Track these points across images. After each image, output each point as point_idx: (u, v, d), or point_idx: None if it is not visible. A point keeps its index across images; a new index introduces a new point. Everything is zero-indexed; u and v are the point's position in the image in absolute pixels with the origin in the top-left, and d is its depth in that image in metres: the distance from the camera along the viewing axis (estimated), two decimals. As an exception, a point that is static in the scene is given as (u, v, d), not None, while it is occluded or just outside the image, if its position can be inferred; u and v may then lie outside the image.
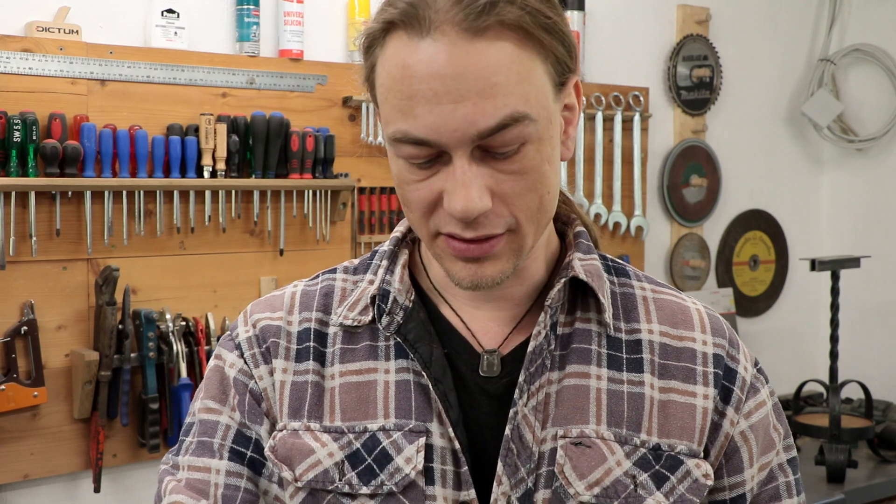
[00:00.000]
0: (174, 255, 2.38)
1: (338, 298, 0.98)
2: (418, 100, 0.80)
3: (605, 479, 0.88)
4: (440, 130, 0.80)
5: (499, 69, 0.80)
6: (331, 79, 2.58)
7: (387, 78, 0.83)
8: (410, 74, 0.80)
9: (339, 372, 0.94)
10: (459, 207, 0.81)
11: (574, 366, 0.92)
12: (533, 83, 0.82)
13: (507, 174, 0.83)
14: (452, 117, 0.80)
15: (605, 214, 3.13)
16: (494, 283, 0.87)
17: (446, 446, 0.89)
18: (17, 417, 2.18)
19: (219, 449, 0.95)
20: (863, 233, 3.67)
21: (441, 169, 0.83)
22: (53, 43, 2.19)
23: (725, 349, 0.96)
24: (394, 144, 0.84)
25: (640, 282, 0.99)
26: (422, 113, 0.80)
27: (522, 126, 0.81)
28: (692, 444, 0.92)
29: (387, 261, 0.97)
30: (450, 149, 0.81)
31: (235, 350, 0.98)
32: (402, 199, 0.88)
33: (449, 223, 0.84)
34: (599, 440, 0.89)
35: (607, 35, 3.14)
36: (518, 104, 0.81)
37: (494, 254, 0.86)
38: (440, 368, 0.91)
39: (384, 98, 0.84)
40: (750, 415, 0.95)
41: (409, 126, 0.81)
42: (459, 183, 0.81)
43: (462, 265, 0.86)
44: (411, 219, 0.88)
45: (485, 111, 0.79)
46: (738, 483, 0.95)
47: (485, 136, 0.80)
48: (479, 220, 0.83)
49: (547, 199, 0.86)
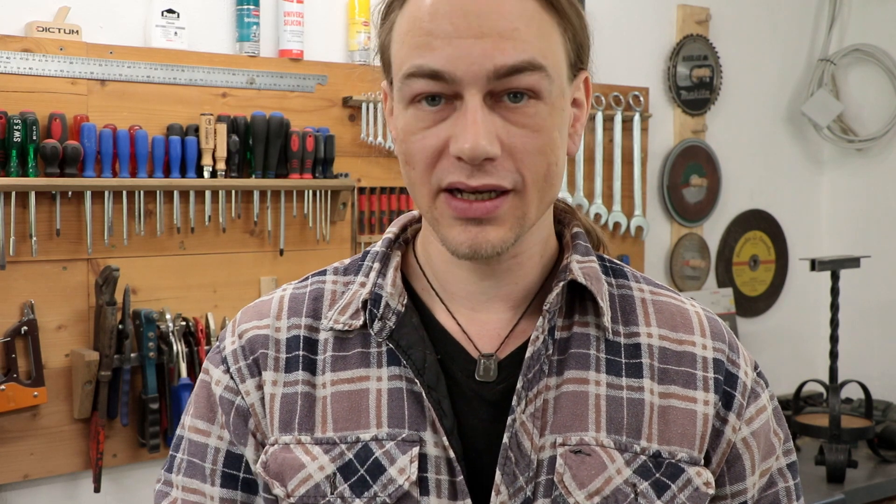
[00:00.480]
0: (174, 255, 2.38)
1: (328, 302, 0.95)
2: (438, 34, 0.81)
3: (606, 487, 0.87)
4: (457, 63, 0.80)
5: (521, 18, 0.81)
6: (331, 79, 2.58)
7: (406, 22, 0.84)
8: (434, 11, 0.81)
9: (331, 381, 0.91)
10: (468, 146, 0.80)
11: (572, 371, 0.90)
12: (551, 45, 0.84)
13: (519, 127, 0.82)
14: (471, 51, 0.80)
15: (605, 214, 3.13)
16: (494, 252, 0.84)
17: (441, 455, 0.87)
18: (17, 417, 2.18)
19: (210, 474, 0.94)
20: (863, 233, 3.66)
21: (450, 115, 0.82)
22: (53, 43, 2.19)
23: (726, 353, 0.94)
24: (406, 83, 0.83)
25: (639, 283, 0.97)
26: (440, 45, 0.81)
27: (539, 76, 0.82)
28: (693, 451, 0.90)
29: (378, 263, 0.95)
30: (464, 86, 0.81)
31: (221, 365, 0.96)
32: (406, 155, 0.85)
33: (453, 171, 0.82)
34: (599, 448, 0.88)
35: (607, 35, 3.14)
36: (536, 54, 0.82)
37: (497, 216, 0.83)
38: (433, 375, 0.89)
39: (401, 43, 0.84)
40: (751, 421, 0.94)
41: (426, 59, 0.81)
42: (469, 122, 0.80)
43: (461, 228, 0.84)
44: (412, 177, 0.86)
45: (504, 49, 0.80)
46: (740, 491, 0.94)
47: (501, 75, 0.80)
48: (486, 168, 0.82)
49: (554, 170, 0.85)
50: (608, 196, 3.15)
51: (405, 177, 0.87)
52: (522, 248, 0.91)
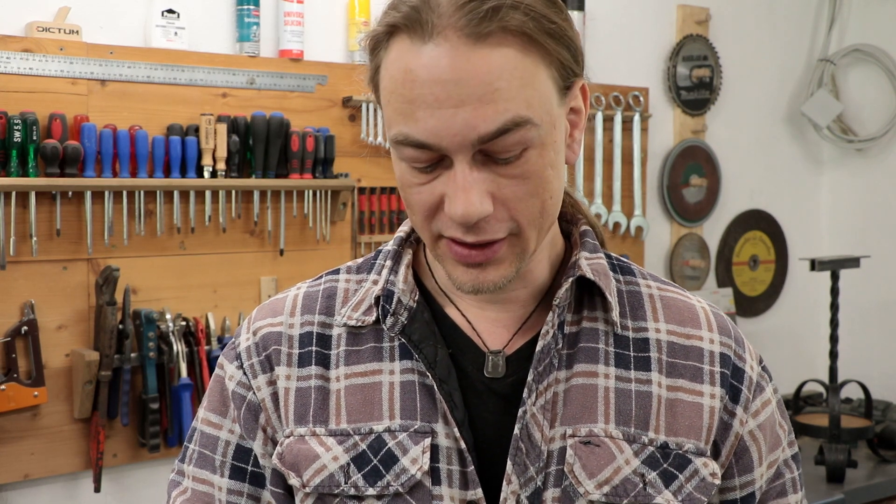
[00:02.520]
0: (174, 255, 2.38)
1: (341, 299, 0.98)
2: (419, 104, 0.81)
3: (615, 477, 0.89)
4: (441, 134, 0.81)
5: (501, 75, 0.80)
6: (331, 79, 2.58)
7: (389, 81, 0.84)
8: (412, 79, 0.81)
9: (345, 374, 0.94)
10: (460, 212, 0.82)
11: (582, 365, 0.92)
12: (536, 88, 0.82)
13: (509, 179, 0.83)
14: (453, 122, 0.80)
15: (605, 214, 3.13)
16: (496, 288, 0.87)
17: (452, 446, 0.89)
18: (18, 417, 2.19)
19: (220, 466, 0.97)
20: (862, 233, 3.67)
21: (443, 173, 0.84)
22: (54, 43, 2.19)
23: (732, 348, 0.97)
24: (396, 147, 0.84)
25: (646, 280, 1.00)
26: (423, 117, 0.81)
27: (524, 131, 0.81)
28: (699, 442, 0.92)
29: (391, 261, 0.97)
30: (451, 153, 0.82)
31: (235, 360, 0.98)
32: (405, 201, 0.88)
33: (450, 227, 0.85)
34: (608, 439, 0.90)
35: (607, 35, 3.14)
36: (520, 109, 0.81)
37: (497, 259, 0.86)
38: (445, 369, 0.91)
39: (387, 101, 0.85)
40: (757, 414, 0.96)
41: (410, 129, 0.82)
42: (460, 187, 0.82)
43: (464, 270, 0.87)
44: (414, 221, 0.88)
45: (485, 116, 0.80)
46: (748, 482, 0.96)
47: (485, 141, 0.81)
48: (481, 225, 0.84)
49: (549, 204, 0.86)
50: (608, 196, 3.16)
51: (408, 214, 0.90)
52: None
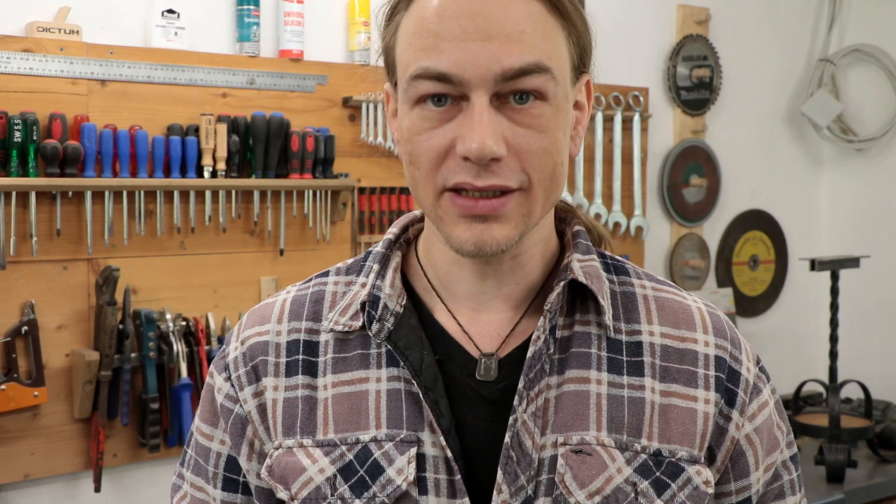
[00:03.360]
0: (174, 255, 2.38)
1: (328, 304, 0.96)
2: (446, 36, 0.81)
3: (606, 487, 0.87)
4: (465, 65, 0.81)
5: (527, 20, 0.82)
6: (331, 79, 2.58)
7: (414, 24, 0.84)
8: (441, 13, 0.82)
9: (332, 382, 0.92)
10: (475, 146, 0.80)
11: (574, 370, 0.90)
12: (556, 48, 0.85)
13: (525, 128, 0.83)
14: (479, 53, 0.81)
15: (605, 214, 3.13)
16: (499, 249, 0.84)
17: (438, 455, 0.88)
18: (18, 417, 2.19)
19: (213, 477, 0.97)
20: (862, 233, 3.67)
21: (456, 115, 0.83)
22: (54, 43, 2.19)
23: (728, 350, 0.94)
24: (411, 86, 0.84)
25: (641, 280, 0.97)
26: (448, 48, 0.81)
27: (545, 79, 0.83)
28: (693, 449, 0.90)
29: (378, 265, 0.95)
30: (471, 87, 0.81)
31: (224, 372, 0.97)
32: (411, 154, 0.86)
33: (459, 172, 0.83)
34: (600, 447, 0.88)
35: (607, 35, 3.13)
36: (542, 56, 0.83)
37: (502, 214, 0.84)
38: (431, 376, 0.89)
39: (408, 44, 0.85)
40: (754, 417, 0.94)
41: (433, 61, 0.82)
42: (476, 122, 0.81)
43: (466, 226, 0.84)
44: (417, 177, 0.86)
45: (511, 52, 0.81)
46: (744, 487, 0.94)
47: (508, 77, 0.81)
48: (492, 168, 0.82)
49: (559, 170, 0.86)
50: (608, 196, 3.16)
51: (409, 176, 0.88)
52: (524, 247, 0.91)
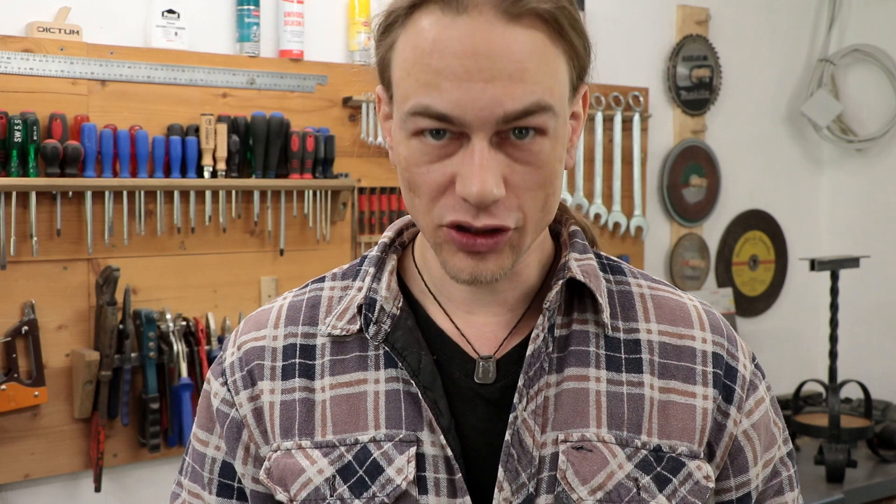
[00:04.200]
0: (174, 255, 2.38)
1: (324, 309, 0.96)
2: (447, 75, 0.79)
3: (608, 483, 0.88)
4: (466, 108, 0.79)
5: (530, 56, 0.80)
6: (331, 79, 2.59)
7: (412, 52, 0.82)
8: (441, 49, 0.79)
9: (330, 384, 0.92)
10: (475, 191, 0.80)
11: (573, 368, 0.91)
12: (557, 79, 0.83)
13: (522, 165, 0.82)
14: (481, 96, 0.79)
15: (605, 215, 3.13)
16: (493, 279, 0.85)
17: (438, 454, 0.88)
18: (18, 417, 2.19)
19: (208, 483, 0.98)
20: (862, 233, 3.67)
21: (456, 152, 0.82)
22: (54, 43, 2.19)
23: (725, 347, 0.95)
24: (411, 120, 0.82)
25: (637, 279, 0.98)
26: (448, 88, 0.79)
27: (546, 117, 0.81)
28: (693, 445, 0.91)
29: (373, 268, 0.95)
30: (472, 129, 0.80)
31: (220, 377, 0.98)
32: (410, 183, 0.85)
33: (457, 210, 0.82)
34: (601, 443, 0.88)
35: (607, 35, 3.14)
36: (544, 94, 0.81)
37: (497, 250, 0.84)
38: (429, 376, 0.89)
39: (406, 73, 0.83)
40: (751, 413, 0.95)
41: (433, 100, 0.80)
42: (477, 166, 0.80)
43: (462, 257, 0.84)
44: (416, 205, 0.86)
45: (514, 94, 0.79)
46: (744, 482, 0.95)
47: (510, 120, 0.80)
48: (491, 209, 0.82)
49: (551, 200, 0.86)
50: (608, 196, 3.16)
51: (407, 201, 0.87)
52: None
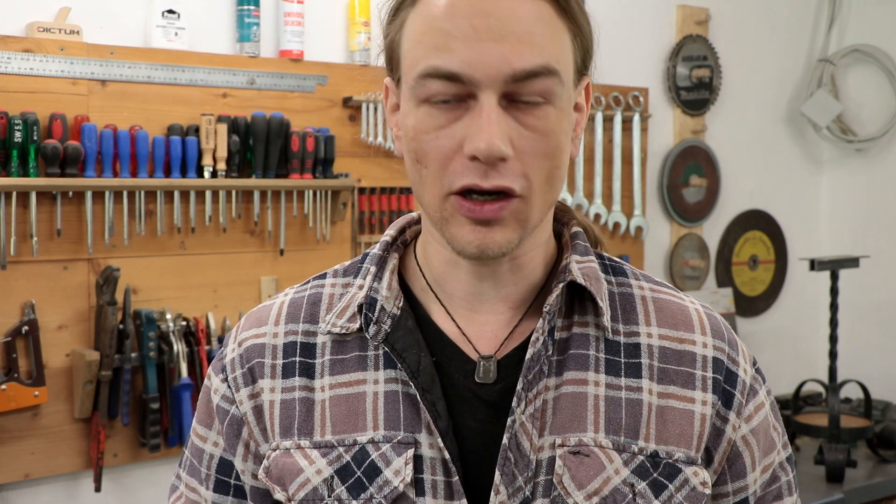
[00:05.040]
0: (175, 255, 2.38)
1: (325, 306, 0.96)
2: (456, 34, 0.82)
3: (604, 488, 0.87)
4: (475, 65, 0.81)
5: (538, 21, 0.83)
6: (331, 79, 2.59)
7: (422, 22, 0.84)
8: (452, 13, 0.82)
9: (330, 384, 0.92)
10: (483, 146, 0.81)
11: (572, 372, 0.90)
12: (563, 50, 0.85)
13: (529, 130, 0.83)
14: (490, 53, 0.81)
15: (605, 214, 3.13)
16: (500, 252, 0.85)
17: (436, 456, 0.88)
18: (18, 417, 2.19)
19: (205, 478, 0.98)
20: (862, 233, 3.67)
21: (464, 115, 0.83)
22: (54, 43, 2.19)
23: (726, 352, 0.94)
24: (419, 84, 0.83)
25: (639, 281, 0.98)
26: (459, 47, 0.81)
27: (552, 82, 0.83)
28: (690, 451, 0.91)
29: (375, 267, 0.95)
30: (481, 87, 0.82)
31: (221, 373, 0.98)
32: (417, 153, 0.85)
33: (466, 174, 0.83)
34: (598, 448, 0.88)
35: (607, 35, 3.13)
36: (551, 59, 0.83)
37: (502, 218, 0.84)
38: (428, 378, 0.89)
39: (416, 41, 0.85)
40: (750, 418, 0.94)
41: (443, 61, 0.82)
42: (485, 122, 0.81)
43: (470, 228, 0.85)
44: (423, 176, 0.86)
45: (522, 53, 0.81)
46: (741, 488, 0.95)
47: (518, 79, 0.82)
48: (498, 169, 0.83)
49: (557, 174, 0.86)
50: (608, 196, 3.16)
51: (414, 173, 0.87)
52: (522, 250, 0.91)
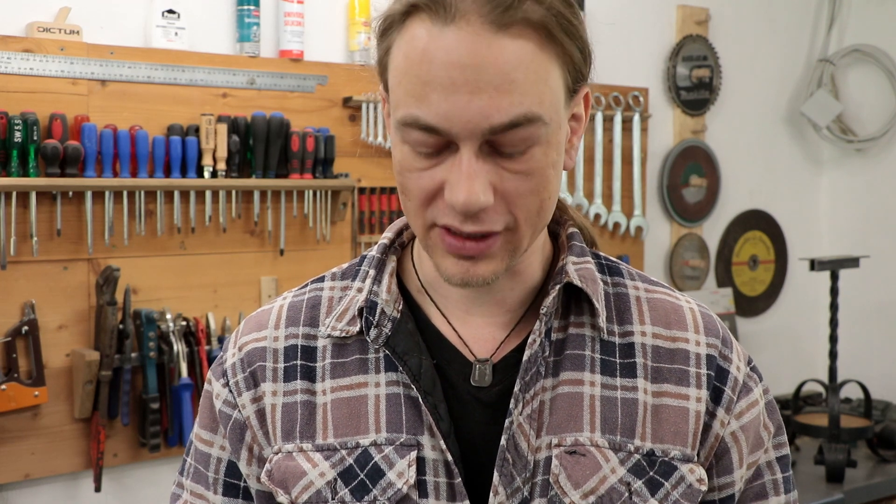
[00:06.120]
0: (175, 255, 2.38)
1: (325, 309, 0.96)
2: (434, 86, 0.79)
3: (600, 487, 0.88)
4: (452, 120, 0.79)
5: (518, 66, 0.79)
6: (331, 79, 2.59)
7: (403, 61, 0.82)
8: (429, 60, 0.79)
9: (331, 387, 0.93)
10: (462, 200, 0.80)
11: (568, 372, 0.91)
12: (549, 86, 0.82)
13: (512, 173, 0.82)
14: (467, 108, 0.79)
15: (605, 215, 3.13)
16: (485, 283, 0.85)
17: (438, 458, 0.88)
18: (18, 417, 2.19)
19: (213, 483, 0.98)
20: (862, 233, 3.67)
21: (446, 159, 0.82)
22: (54, 43, 2.19)
23: (718, 349, 0.95)
24: (401, 129, 0.83)
25: (634, 280, 0.98)
26: (436, 100, 0.79)
27: (534, 128, 0.81)
28: (686, 448, 0.91)
29: (374, 270, 0.95)
30: (459, 140, 0.80)
31: (222, 378, 0.98)
32: (402, 186, 0.86)
33: (447, 215, 0.83)
34: (594, 448, 0.89)
35: (607, 35, 3.13)
36: (533, 105, 0.80)
37: (489, 253, 0.84)
38: (430, 380, 0.90)
39: (397, 81, 0.83)
40: (741, 415, 0.94)
41: (421, 112, 0.80)
42: (464, 175, 0.80)
43: (454, 261, 0.85)
44: (408, 208, 0.86)
45: (500, 106, 0.79)
46: (727, 484, 0.95)
47: (497, 132, 0.80)
48: (479, 216, 0.82)
49: (547, 204, 0.86)
50: (608, 196, 3.16)
51: (401, 201, 0.88)
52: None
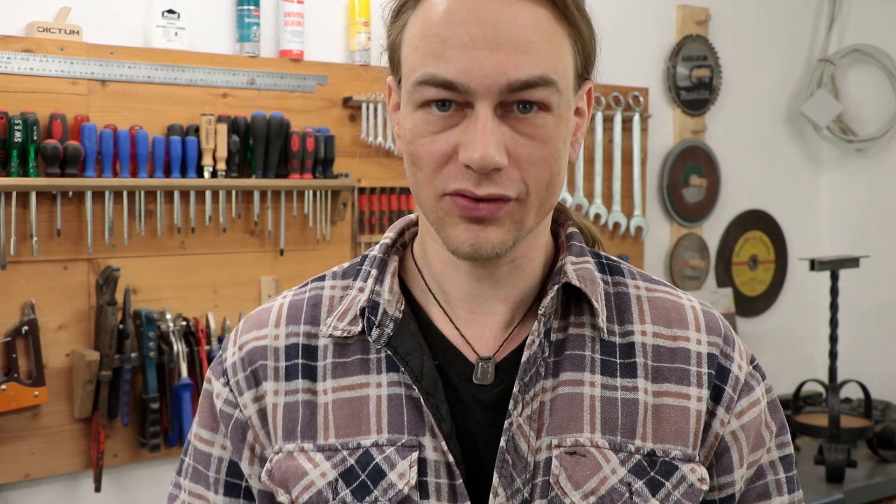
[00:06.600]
0: (175, 255, 2.38)
1: (326, 308, 0.96)
2: (453, 43, 0.81)
3: (601, 487, 0.88)
4: (471, 74, 0.81)
5: (536, 30, 0.82)
6: (331, 79, 2.59)
7: (421, 27, 0.84)
8: (450, 18, 0.81)
9: (332, 387, 0.92)
10: (477, 156, 0.81)
11: (568, 373, 0.91)
12: (562, 58, 0.84)
13: (526, 138, 0.83)
14: (486, 63, 0.80)
15: (605, 214, 3.13)
16: (493, 252, 0.85)
17: (440, 459, 0.88)
18: (18, 417, 2.19)
19: (214, 483, 0.97)
20: (862, 233, 3.67)
21: (459, 122, 0.83)
22: (54, 43, 2.19)
23: (720, 347, 0.94)
24: (416, 90, 0.83)
25: (635, 280, 0.98)
26: (455, 56, 0.81)
27: (549, 92, 0.82)
28: (687, 448, 0.91)
29: (376, 269, 0.95)
30: (476, 97, 0.81)
31: (222, 377, 0.97)
32: (413, 156, 0.86)
33: (460, 178, 0.83)
34: (594, 448, 0.89)
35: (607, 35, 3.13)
36: (548, 69, 0.82)
37: (498, 218, 0.84)
38: (431, 381, 0.89)
39: (414, 47, 0.84)
40: (742, 414, 0.94)
41: (440, 68, 0.81)
42: (480, 132, 0.81)
43: (464, 227, 0.84)
44: (418, 179, 0.86)
45: (518, 63, 0.81)
46: (727, 483, 0.94)
47: (514, 89, 0.81)
48: (492, 177, 0.82)
49: (556, 180, 0.86)
50: (608, 196, 3.16)
51: (409, 176, 0.88)
52: (521, 252, 0.92)
